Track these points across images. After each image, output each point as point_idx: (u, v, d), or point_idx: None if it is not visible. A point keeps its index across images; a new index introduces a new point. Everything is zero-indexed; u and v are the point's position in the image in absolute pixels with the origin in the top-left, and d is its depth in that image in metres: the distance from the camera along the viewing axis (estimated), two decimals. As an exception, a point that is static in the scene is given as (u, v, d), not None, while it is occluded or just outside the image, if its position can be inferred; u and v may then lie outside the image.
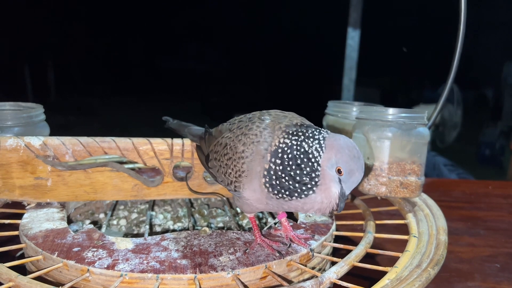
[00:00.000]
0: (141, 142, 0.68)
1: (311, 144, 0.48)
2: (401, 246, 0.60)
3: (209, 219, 0.74)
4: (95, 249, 0.53)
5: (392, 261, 0.54)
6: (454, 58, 0.78)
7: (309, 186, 0.48)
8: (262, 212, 0.76)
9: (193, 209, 0.78)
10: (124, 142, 0.67)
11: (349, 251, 0.57)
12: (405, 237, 0.61)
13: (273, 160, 0.48)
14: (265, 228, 0.62)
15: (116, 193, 0.69)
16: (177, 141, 0.69)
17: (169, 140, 0.69)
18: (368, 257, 0.58)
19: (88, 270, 0.49)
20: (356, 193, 0.81)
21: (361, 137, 0.71)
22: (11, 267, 0.49)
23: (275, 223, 0.67)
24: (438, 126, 2.49)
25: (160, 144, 0.69)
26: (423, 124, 0.69)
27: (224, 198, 0.76)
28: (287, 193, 0.48)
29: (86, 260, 0.50)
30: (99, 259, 0.50)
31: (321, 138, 0.48)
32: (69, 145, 0.65)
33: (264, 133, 0.50)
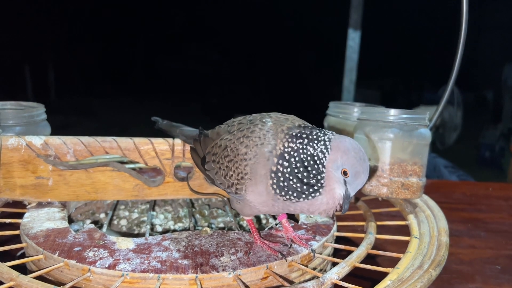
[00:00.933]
0: (143, 142, 0.68)
1: (316, 147, 0.48)
2: (402, 247, 0.60)
3: (210, 220, 0.74)
4: (96, 249, 0.53)
5: (393, 262, 0.54)
6: (455, 60, 0.78)
7: (315, 188, 0.48)
8: (263, 213, 0.76)
9: (194, 209, 0.78)
10: (125, 142, 0.67)
11: (350, 252, 0.57)
12: (406, 238, 0.61)
13: (280, 162, 0.48)
14: (266, 229, 0.62)
15: (117, 193, 0.69)
16: (179, 141, 0.69)
17: (170, 140, 0.69)
18: (369, 258, 0.58)
19: (89, 269, 0.48)
20: (357, 194, 0.81)
21: (362, 138, 0.71)
22: (12, 267, 0.49)
23: (276, 224, 0.67)
24: (438, 127, 2.49)
25: (161, 144, 0.69)
26: (424, 125, 0.69)
27: (225, 199, 0.76)
28: (294, 194, 0.49)
29: (87, 260, 0.50)
30: (100, 258, 0.50)
31: (326, 140, 0.48)
32: (70, 145, 0.65)
33: (268, 136, 0.50)
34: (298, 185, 0.48)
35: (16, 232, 0.59)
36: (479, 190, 1.13)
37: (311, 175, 0.48)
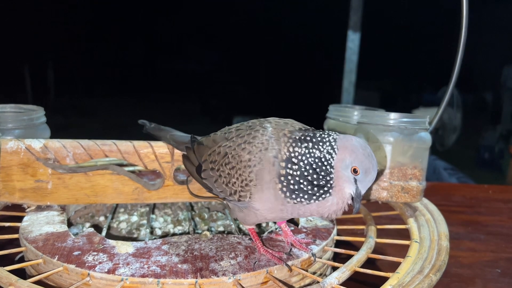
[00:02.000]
0: (142, 145, 0.68)
1: (321, 149, 0.48)
2: (402, 251, 0.60)
3: (209, 223, 0.73)
4: (95, 253, 0.53)
5: (393, 266, 0.53)
6: (455, 62, 0.78)
7: (325, 189, 0.48)
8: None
9: (193, 213, 0.78)
10: (125, 145, 0.67)
11: (350, 255, 0.57)
12: (406, 242, 0.61)
13: (289, 166, 0.48)
14: (265, 233, 0.62)
15: (116, 196, 0.69)
16: (178, 145, 0.69)
17: (170, 143, 0.69)
18: (368, 262, 0.58)
19: (88, 274, 0.48)
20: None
21: (362, 142, 0.71)
22: (11, 271, 0.49)
23: (276, 228, 0.67)
24: (437, 129, 2.50)
25: (161, 147, 0.69)
26: (424, 128, 0.69)
27: (225, 202, 0.75)
28: (305, 196, 0.48)
29: (86, 264, 0.50)
30: (100, 263, 0.50)
31: (331, 140, 0.48)
32: (70, 148, 0.65)
33: (271, 141, 0.50)
34: (309, 187, 0.48)
35: (15, 235, 0.59)
36: (478, 192, 1.13)
37: (321, 177, 0.48)
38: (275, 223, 0.72)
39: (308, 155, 0.48)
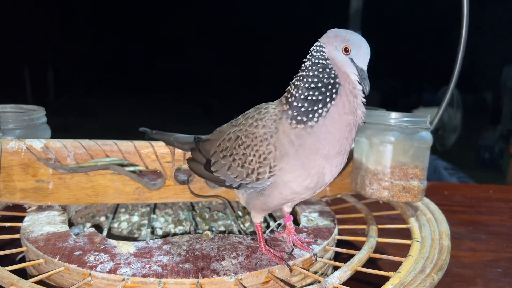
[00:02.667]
0: (143, 145, 0.68)
1: (315, 56, 0.49)
2: (403, 250, 0.60)
3: (210, 223, 0.73)
4: (96, 253, 0.53)
5: (394, 266, 0.53)
6: (456, 62, 0.78)
7: (332, 82, 0.48)
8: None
9: (194, 213, 0.78)
10: (126, 145, 0.67)
11: (351, 255, 0.57)
12: (407, 241, 0.61)
13: (290, 97, 0.49)
14: (267, 231, 0.62)
15: (117, 196, 0.69)
16: (179, 144, 0.69)
17: (171, 143, 0.69)
18: (370, 262, 0.58)
19: (90, 274, 0.48)
20: (358, 197, 0.81)
21: (363, 141, 0.71)
22: (12, 271, 0.49)
23: (277, 226, 0.67)
24: (437, 129, 2.49)
25: (162, 147, 0.69)
26: (425, 128, 0.69)
27: (226, 201, 0.75)
28: (319, 105, 0.47)
29: (88, 264, 0.50)
30: (101, 263, 0.50)
31: (318, 45, 0.50)
32: (70, 148, 0.65)
33: (278, 114, 0.50)
34: (317, 93, 0.48)
35: (16, 236, 0.59)
36: (479, 192, 1.13)
37: (321, 76, 0.48)
38: (275, 221, 0.72)
39: (305, 69, 0.49)
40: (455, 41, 0.79)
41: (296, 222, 0.70)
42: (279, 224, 0.68)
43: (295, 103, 0.48)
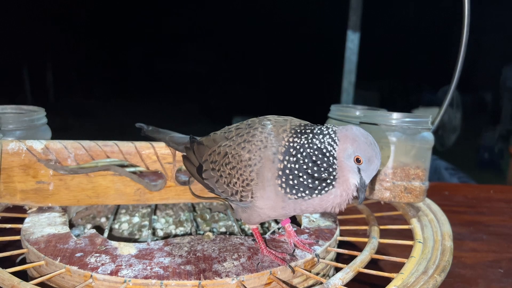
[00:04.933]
0: (144, 146, 0.68)
1: (322, 140, 0.47)
2: (405, 251, 0.59)
3: (211, 224, 0.73)
4: (98, 255, 0.52)
5: (396, 267, 0.53)
6: (457, 62, 0.78)
7: (328, 181, 0.47)
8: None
9: (195, 214, 0.77)
10: (127, 146, 0.67)
11: (353, 256, 0.57)
12: (409, 242, 0.61)
13: (286, 158, 0.47)
14: (268, 233, 0.62)
15: (118, 197, 0.69)
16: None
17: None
18: (371, 263, 0.57)
19: (91, 276, 0.48)
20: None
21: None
22: (13, 273, 0.49)
23: (278, 228, 0.67)
24: (437, 129, 2.50)
25: (163, 148, 0.69)
26: (427, 128, 0.69)
27: (227, 202, 0.75)
28: (306, 191, 0.48)
29: (89, 266, 0.49)
30: (102, 264, 0.50)
31: (331, 132, 0.48)
32: (71, 149, 0.65)
33: (270, 138, 0.49)
34: (309, 181, 0.47)
35: (17, 237, 0.59)
36: (480, 192, 1.13)
37: (322, 169, 0.47)
38: (278, 222, 0.72)
39: (306, 146, 0.47)
40: (455, 41, 0.78)
41: (297, 223, 0.70)
42: (280, 226, 0.68)
43: (287, 170, 0.48)
